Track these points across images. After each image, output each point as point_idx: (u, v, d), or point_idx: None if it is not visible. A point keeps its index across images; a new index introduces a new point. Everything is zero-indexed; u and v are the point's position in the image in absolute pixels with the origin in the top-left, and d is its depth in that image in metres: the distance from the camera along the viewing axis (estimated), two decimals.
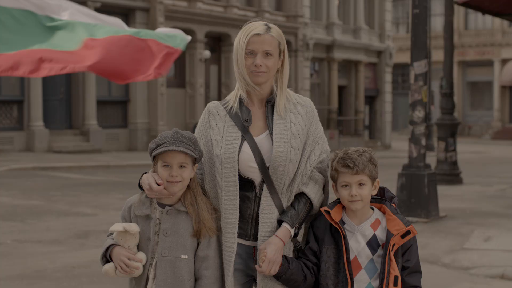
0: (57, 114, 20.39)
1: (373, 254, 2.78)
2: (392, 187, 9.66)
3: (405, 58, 35.88)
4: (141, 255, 2.77)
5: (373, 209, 2.85)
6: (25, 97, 19.31)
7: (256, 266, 2.75)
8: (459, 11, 37.95)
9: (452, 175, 13.74)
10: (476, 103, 42.74)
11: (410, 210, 9.16)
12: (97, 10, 20.48)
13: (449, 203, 10.77)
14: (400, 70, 40.51)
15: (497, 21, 38.89)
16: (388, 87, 31.41)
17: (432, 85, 34.77)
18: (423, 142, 9.32)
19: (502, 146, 32.73)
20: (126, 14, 21.73)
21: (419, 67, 9.28)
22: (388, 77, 31.39)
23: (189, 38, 5.47)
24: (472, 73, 42.52)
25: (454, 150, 13.79)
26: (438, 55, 31.86)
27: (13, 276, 6.06)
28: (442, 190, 12.04)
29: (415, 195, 9.20)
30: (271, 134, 2.83)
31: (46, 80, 19.63)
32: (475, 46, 41.34)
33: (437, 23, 38.29)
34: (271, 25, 2.84)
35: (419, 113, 9.23)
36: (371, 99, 31.25)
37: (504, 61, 40.58)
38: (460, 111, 41.85)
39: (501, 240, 7.75)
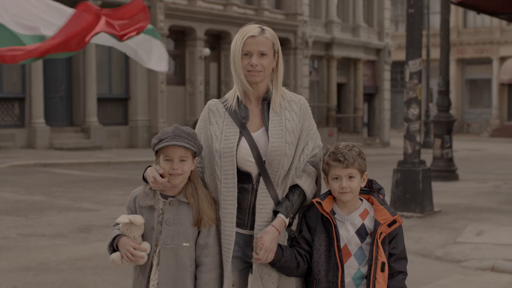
0: (58, 111, 20.55)
1: (361, 242, 2.96)
2: (389, 183, 9.83)
3: (404, 56, 35.80)
4: (146, 245, 2.94)
5: (361, 200, 3.03)
6: (26, 95, 19.47)
7: (253, 254, 2.93)
8: (458, 9, 38.10)
9: (448, 171, 13.91)
10: (475, 101, 42.90)
11: (405, 205, 9.33)
12: None
13: (444, 198, 10.94)
14: (399, 67, 40.63)
15: (496, 19, 38.99)
16: (387, 85, 31.56)
17: (431, 83, 34.93)
18: (418, 138, 9.50)
19: (500, 144, 32.91)
20: None
21: (414, 65, 9.46)
22: (387, 75, 31.54)
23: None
24: (471, 71, 42.67)
25: (450, 147, 13.96)
26: (437, 53, 31.98)
27: (18, 268, 6.22)
28: (438, 186, 12.22)
29: (410, 191, 9.36)
30: (267, 130, 3.00)
31: (47, 78, 19.80)
32: (474, 44, 41.48)
33: (436, 21, 38.41)
34: (265, 27, 3.03)
35: (414, 111, 9.41)
36: (370, 97, 31.40)
37: (502, 59, 40.71)
38: (459, 109, 42.02)
39: (493, 234, 7.92)
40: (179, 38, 23.23)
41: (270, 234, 2.91)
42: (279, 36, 3.10)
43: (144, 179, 3.02)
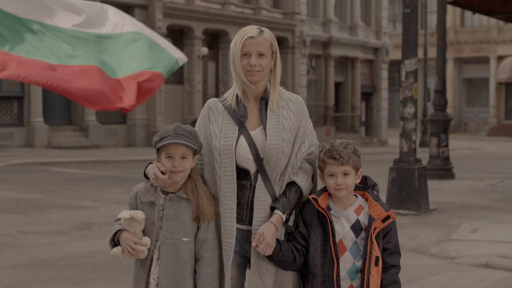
0: (56, 110, 20.62)
1: (356, 237, 3.04)
2: (385, 182, 9.92)
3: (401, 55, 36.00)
4: (146, 240, 3.03)
5: (356, 196, 3.12)
6: (25, 94, 19.53)
7: (253, 244, 2.99)
8: (455, 8, 38.17)
9: (444, 170, 14.01)
10: (472, 100, 43.01)
11: (400, 203, 9.42)
12: None
13: (440, 196, 11.03)
14: (397, 66, 40.68)
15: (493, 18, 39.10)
16: (384, 84, 31.66)
17: (429, 82, 35.00)
18: (414, 137, 9.59)
19: (497, 143, 33.05)
20: (125, 11, 21.92)
21: (409, 64, 9.56)
22: (384, 74, 31.64)
23: (184, 60, 5.11)
24: (468, 70, 42.78)
25: (447, 145, 14.07)
26: (434, 52, 32.05)
27: (19, 265, 6.28)
28: (434, 184, 12.31)
29: (406, 189, 9.45)
30: (265, 128, 3.09)
31: None
32: (471, 43, 41.59)
33: (433, 20, 38.46)
34: (263, 28, 3.12)
35: (409, 109, 9.51)
36: (368, 96, 31.49)
37: (500, 58, 40.84)
38: (456, 108, 42.13)
39: (487, 232, 8.01)
40: (177, 37, 23.29)
41: (269, 230, 3.00)
42: (276, 35, 3.20)
43: (145, 176, 3.10)
